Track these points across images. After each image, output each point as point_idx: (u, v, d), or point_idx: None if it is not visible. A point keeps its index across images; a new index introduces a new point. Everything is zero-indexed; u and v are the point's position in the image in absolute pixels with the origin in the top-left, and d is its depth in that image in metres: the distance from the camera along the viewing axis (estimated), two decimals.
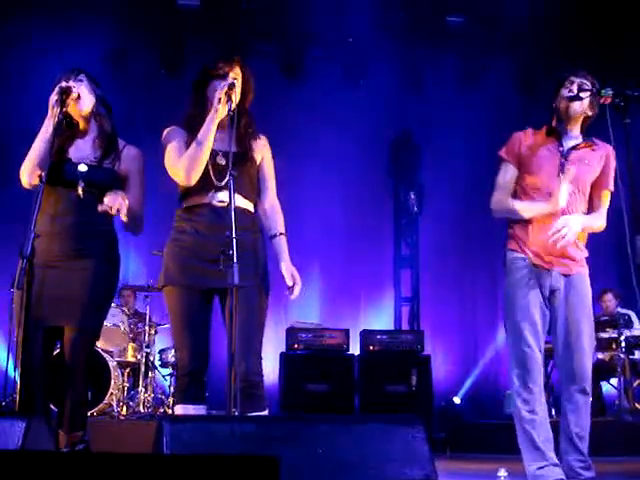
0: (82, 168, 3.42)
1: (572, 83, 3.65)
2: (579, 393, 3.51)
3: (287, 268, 3.37)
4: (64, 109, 3.36)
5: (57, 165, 3.35)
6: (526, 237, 3.65)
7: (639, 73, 7.60)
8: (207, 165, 3.24)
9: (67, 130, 3.48)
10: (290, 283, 3.35)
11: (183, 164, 3.22)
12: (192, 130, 3.28)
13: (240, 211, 3.18)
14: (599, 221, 3.70)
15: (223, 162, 3.21)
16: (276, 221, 3.45)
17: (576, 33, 8.21)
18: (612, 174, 3.69)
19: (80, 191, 3.36)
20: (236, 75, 3.33)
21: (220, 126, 3.28)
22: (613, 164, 3.70)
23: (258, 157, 3.41)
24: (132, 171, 3.56)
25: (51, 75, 3.52)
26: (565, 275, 3.61)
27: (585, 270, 3.67)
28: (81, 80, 3.49)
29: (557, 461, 3.49)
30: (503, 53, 8.74)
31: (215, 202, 3.24)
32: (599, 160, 3.70)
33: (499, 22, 8.18)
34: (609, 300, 7.98)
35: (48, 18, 7.86)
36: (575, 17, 8.06)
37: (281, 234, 3.43)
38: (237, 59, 3.39)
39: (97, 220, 3.39)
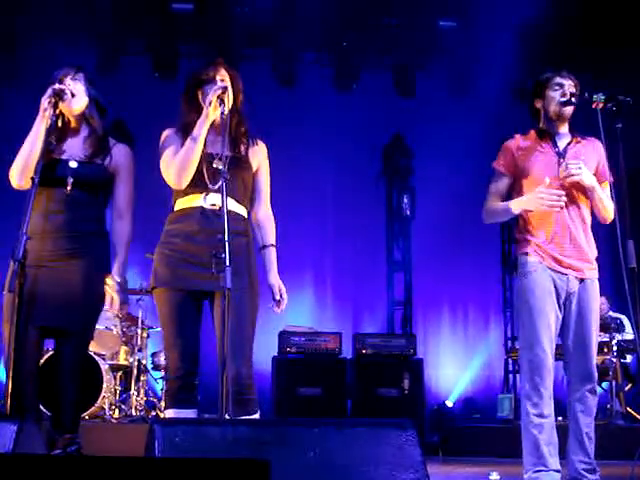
0: (72, 165, 3.43)
1: (561, 86, 3.66)
2: (590, 393, 3.58)
3: (275, 282, 3.40)
4: (57, 110, 3.36)
5: (48, 163, 3.34)
6: (543, 241, 3.64)
7: (632, 80, 7.63)
8: (202, 168, 3.23)
9: (58, 128, 3.48)
10: (277, 297, 3.38)
11: (174, 167, 3.22)
12: (187, 137, 3.26)
13: (232, 215, 3.16)
14: (607, 200, 3.66)
15: (220, 166, 3.18)
16: (268, 232, 3.45)
17: (569, 38, 8.24)
18: (607, 165, 3.68)
19: (68, 187, 3.36)
20: (222, 77, 3.32)
21: (216, 130, 3.28)
22: (605, 155, 3.68)
23: (254, 163, 3.40)
24: (121, 167, 3.56)
25: (45, 77, 3.51)
26: (580, 279, 3.63)
27: (596, 274, 3.69)
28: (78, 80, 3.49)
29: (559, 467, 3.50)
30: (495, 57, 8.76)
31: (207, 205, 3.23)
32: (593, 153, 3.70)
33: (491, 27, 8.20)
34: (601, 303, 7.98)
35: (43, 22, 7.85)
36: (567, 23, 8.09)
37: (272, 245, 3.44)
38: (220, 61, 3.39)
39: (88, 218, 3.39)
